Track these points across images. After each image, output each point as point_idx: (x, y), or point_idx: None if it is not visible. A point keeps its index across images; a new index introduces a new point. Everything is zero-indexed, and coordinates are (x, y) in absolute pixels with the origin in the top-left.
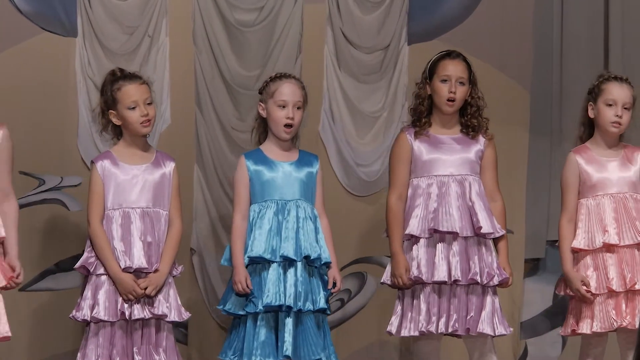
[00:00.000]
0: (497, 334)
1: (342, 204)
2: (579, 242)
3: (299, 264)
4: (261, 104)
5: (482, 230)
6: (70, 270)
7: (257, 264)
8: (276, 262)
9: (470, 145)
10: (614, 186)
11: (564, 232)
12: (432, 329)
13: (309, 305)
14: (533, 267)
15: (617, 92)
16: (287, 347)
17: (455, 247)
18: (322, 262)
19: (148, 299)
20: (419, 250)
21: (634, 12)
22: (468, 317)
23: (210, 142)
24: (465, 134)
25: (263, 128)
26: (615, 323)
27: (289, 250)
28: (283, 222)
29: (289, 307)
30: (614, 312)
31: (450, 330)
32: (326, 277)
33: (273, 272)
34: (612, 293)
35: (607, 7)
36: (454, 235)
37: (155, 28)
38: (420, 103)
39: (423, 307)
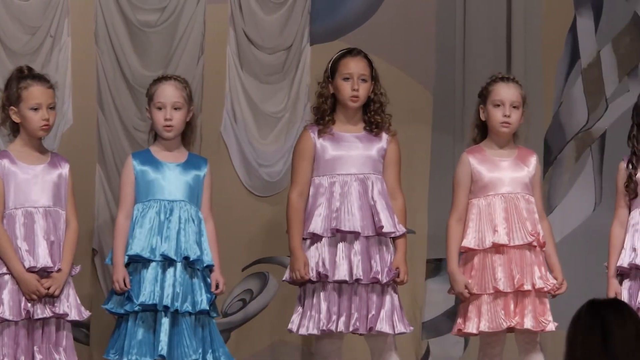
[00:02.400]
0: (396, 332)
1: (244, 205)
2: (469, 241)
3: (179, 265)
4: (147, 107)
5: (384, 230)
6: None
7: (138, 263)
8: (155, 261)
9: (372, 143)
10: (506, 186)
11: (452, 231)
12: (332, 327)
13: (187, 307)
14: (435, 267)
15: (503, 92)
16: (162, 347)
17: (357, 246)
18: (205, 265)
19: (49, 298)
20: (323, 249)
21: (536, 11)
22: (370, 316)
23: (112, 142)
24: (368, 131)
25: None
26: (504, 323)
27: (169, 249)
28: (165, 222)
29: (167, 307)
30: (502, 312)
31: (351, 329)
32: (209, 280)
33: (151, 271)
34: (499, 293)
35: (509, 7)
36: (356, 234)
37: (57, 28)
38: (324, 102)
39: (324, 306)
